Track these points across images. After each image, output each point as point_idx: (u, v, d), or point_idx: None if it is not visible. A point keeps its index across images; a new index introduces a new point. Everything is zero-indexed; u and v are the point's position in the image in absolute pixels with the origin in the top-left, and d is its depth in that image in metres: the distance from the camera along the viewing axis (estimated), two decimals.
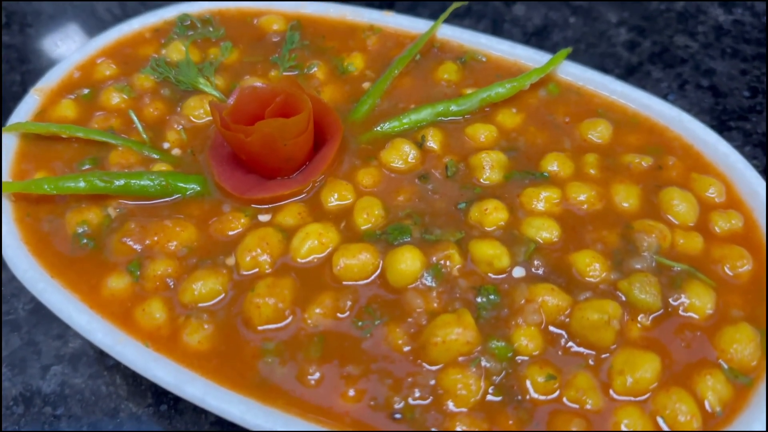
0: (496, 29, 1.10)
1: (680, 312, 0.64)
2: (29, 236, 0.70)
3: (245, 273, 0.66)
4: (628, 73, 1.04)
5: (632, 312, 0.64)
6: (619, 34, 1.09)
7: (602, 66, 1.04)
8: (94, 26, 1.16)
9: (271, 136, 0.70)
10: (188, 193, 0.73)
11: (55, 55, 1.11)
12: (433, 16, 1.01)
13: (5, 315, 0.81)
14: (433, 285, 0.65)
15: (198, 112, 0.79)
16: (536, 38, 1.09)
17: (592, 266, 0.66)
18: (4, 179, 0.74)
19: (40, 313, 0.80)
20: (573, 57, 1.06)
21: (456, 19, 1.12)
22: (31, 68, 1.09)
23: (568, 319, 0.63)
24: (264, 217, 0.71)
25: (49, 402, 0.74)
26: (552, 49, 1.07)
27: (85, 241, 0.69)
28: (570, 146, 0.77)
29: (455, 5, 0.89)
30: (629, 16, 1.12)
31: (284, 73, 0.84)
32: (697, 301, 0.64)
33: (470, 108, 0.79)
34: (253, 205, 0.72)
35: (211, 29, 0.89)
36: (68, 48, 1.13)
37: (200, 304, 0.65)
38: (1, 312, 0.82)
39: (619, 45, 1.08)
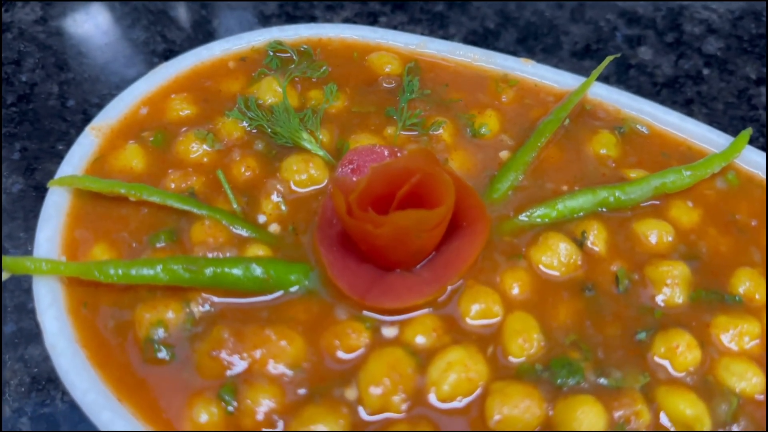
0: (620, 76, 0.95)
1: None
2: (87, 337, 0.54)
3: (372, 418, 0.51)
4: None
5: None
6: (760, 94, 0.94)
7: None
8: (151, 28, 0.98)
9: (405, 229, 0.55)
10: (293, 289, 0.57)
11: (101, 61, 0.93)
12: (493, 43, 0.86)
13: (40, 407, 0.65)
14: None
15: (301, 177, 0.63)
16: (667, 90, 0.93)
17: None
18: (55, 253, 0.58)
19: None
20: (710, 119, 0.91)
21: (574, 58, 0.96)
22: (71, 78, 0.91)
23: None
24: (389, 332, 0.56)
25: None
26: (686, 106, 0.92)
27: (163, 352, 0.53)
28: (760, 260, 0.62)
29: (609, 58, 0.73)
30: None
31: (402, 132, 0.68)
32: None
33: (640, 198, 0.64)
34: (369, 313, 0.56)
35: (310, 64, 0.73)
36: (115, 52, 0.95)
37: None
38: None
39: (761, 108, 0.93)
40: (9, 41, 0.94)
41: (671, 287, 0.59)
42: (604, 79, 0.95)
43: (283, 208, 0.62)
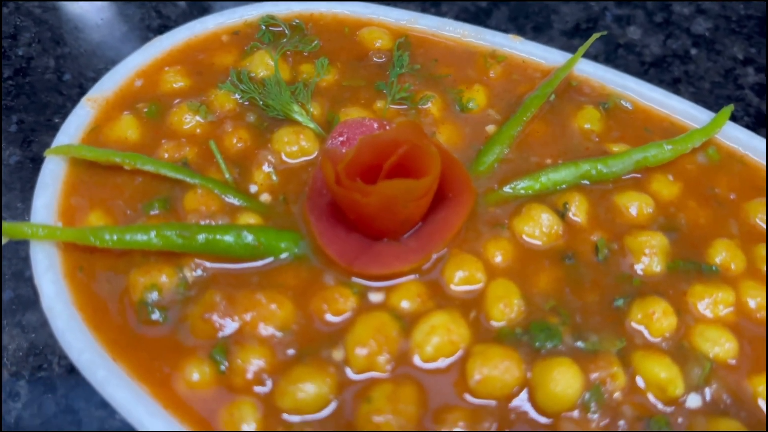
0: (609, 55, 0.96)
1: None
2: (83, 300, 0.56)
3: (358, 376, 0.53)
4: (759, 124, 0.91)
5: None
6: (746, 74, 0.96)
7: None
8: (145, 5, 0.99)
9: (393, 198, 0.56)
10: (283, 256, 0.59)
11: (97, 36, 0.94)
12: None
13: (37, 371, 0.67)
14: (595, 413, 0.52)
15: (292, 148, 0.65)
16: (655, 69, 0.95)
17: None
18: (52, 220, 0.59)
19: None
20: (696, 98, 0.93)
21: (563, 37, 0.97)
22: (68, 52, 0.92)
23: None
24: (376, 297, 0.57)
25: None
26: (673, 85, 0.94)
27: (156, 314, 0.55)
28: (737, 231, 0.64)
29: (595, 36, 0.74)
30: (757, 54, 0.98)
31: (392, 106, 0.69)
32: None
33: (622, 171, 0.66)
34: (357, 279, 0.58)
35: (302, 39, 0.74)
36: (111, 27, 0.96)
37: (303, 417, 0.52)
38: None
39: (747, 88, 0.94)
40: (5, 15, 0.95)
41: (649, 257, 0.61)
42: (592, 58, 0.96)
43: (274, 178, 0.64)
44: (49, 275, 0.56)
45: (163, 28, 0.96)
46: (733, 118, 0.90)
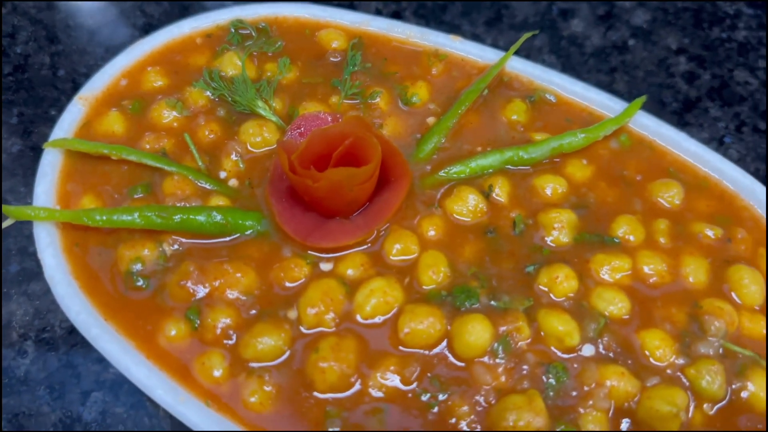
0: (552, 47, 1.06)
1: (744, 401, 0.64)
2: (79, 270, 0.67)
3: (308, 331, 0.64)
4: (686, 109, 1.01)
5: (698, 399, 0.64)
6: (678, 63, 1.05)
7: (660, 99, 1.01)
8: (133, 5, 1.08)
9: (339, 183, 0.67)
10: (248, 232, 0.70)
11: (87, 34, 1.04)
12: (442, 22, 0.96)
13: (42, 333, 0.78)
14: (502, 359, 0.63)
15: (256, 139, 0.75)
16: (594, 60, 1.04)
17: (661, 349, 0.65)
18: (51, 204, 0.70)
19: (79, 333, 0.78)
20: (630, 86, 1.03)
21: (512, 31, 1.07)
22: (61, 49, 1.02)
23: (634, 405, 0.63)
24: (326, 266, 0.68)
25: (91, 430, 0.72)
26: (610, 74, 1.04)
27: (140, 282, 0.66)
28: (641, 208, 0.75)
29: (526, 35, 0.84)
30: (690, 44, 1.08)
31: (345, 101, 0.79)
32: (761, 393, 0.64)
33: (540, 157, 0.76)
34: (311, 252, 0.69)
35: (267, 40, 0.84)
36: (100, 26, 1.06)
37: (262, 363, 0.63)
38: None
39: (678, 75, 1.04)
40: (4, 16, 1.05)
41: (558, 230, 0.71)
42: (537, 50, 1.06)
43: (241, 165, 0.74)
44: (50, 250, 0.67)
45: (147, 26, 1.06)
46: (663, 104, 1.00)
